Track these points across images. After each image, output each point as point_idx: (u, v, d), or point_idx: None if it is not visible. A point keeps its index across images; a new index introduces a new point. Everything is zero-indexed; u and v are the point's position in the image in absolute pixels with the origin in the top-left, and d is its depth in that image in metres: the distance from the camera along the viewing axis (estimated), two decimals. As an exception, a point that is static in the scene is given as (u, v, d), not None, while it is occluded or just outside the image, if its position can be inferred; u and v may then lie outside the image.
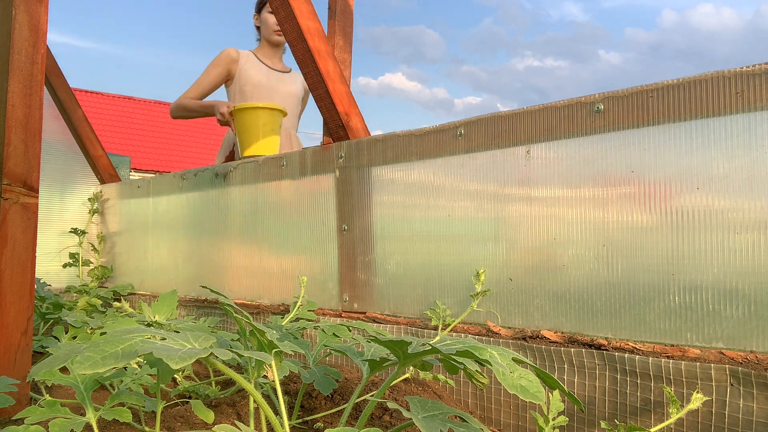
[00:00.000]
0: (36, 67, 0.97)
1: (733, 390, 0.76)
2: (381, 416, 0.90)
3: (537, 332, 0.97)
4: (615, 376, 0.86)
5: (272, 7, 1.35)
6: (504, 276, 1.04)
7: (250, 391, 0.66)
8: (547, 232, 0.99)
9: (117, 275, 2.09)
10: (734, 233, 0.80)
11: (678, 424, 0.80)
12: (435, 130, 1.16)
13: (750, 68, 0.79)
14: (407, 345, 0.67)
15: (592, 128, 0.94)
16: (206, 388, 1.06)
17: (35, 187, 0.97)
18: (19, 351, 0.94)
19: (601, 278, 0.92)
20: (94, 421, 0.74)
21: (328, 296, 1.35)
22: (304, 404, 0.96)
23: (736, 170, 0.81)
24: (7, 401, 0.78)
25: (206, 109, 2.22)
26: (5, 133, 0.94)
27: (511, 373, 0.63)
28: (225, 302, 0.76)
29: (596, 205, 0.93)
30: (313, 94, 1.38)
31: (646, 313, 0.87)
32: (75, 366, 0.56)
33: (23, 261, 0.95)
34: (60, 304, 1.46)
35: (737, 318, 0.80)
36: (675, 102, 0.86)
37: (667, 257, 0.86)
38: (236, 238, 1.63)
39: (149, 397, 0.84)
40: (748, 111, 0.80)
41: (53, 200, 2.24)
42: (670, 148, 0.86)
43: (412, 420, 0.60)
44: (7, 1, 0.95)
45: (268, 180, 1.54)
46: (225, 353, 0.58)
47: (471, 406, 1.02)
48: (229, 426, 0.60)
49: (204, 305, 1.67)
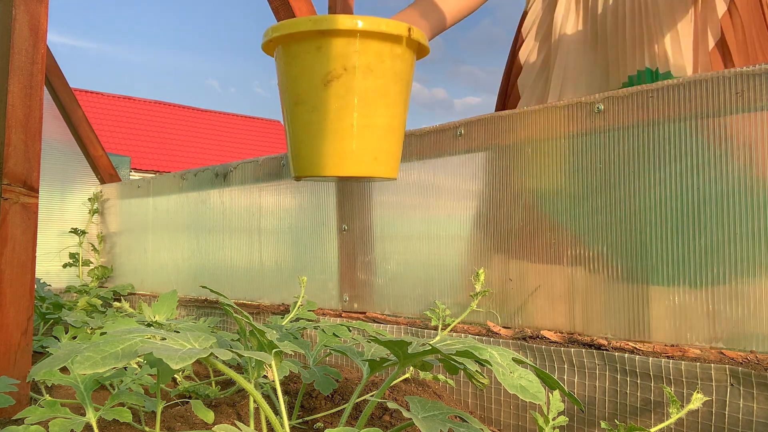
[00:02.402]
0: (36, 67, 0.97)
1: (733, 390, 0.76)
2: (381, 416, 0.90)
3: (537, 332, 0.97)
4: (615, 376, 0.87)
5: (272, 8, 1.35)
6: (504, 276, 1.04)
7: (250, 391, 0.66)
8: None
9: (117, 275, 2.09)
10: (734, 233, 0.80)
11: (678, 424, 0.81)
12: (435, 130, 1.16)
13: (750, 68, 0.79)
14: (407, 345, 0.67)
15: (593, 128, 0.94)
16: (206, 388, 1.06)
17: (35, 187, 0.97)
18: (19, 351, 0.94)
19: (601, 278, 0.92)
20: (94, 421, 0.74)
21: (328, 296, 1.35)
22: (304, 404, 0.96)
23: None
24: (7, 401, 0.78)
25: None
26: (5, 133, 0.94)
27: (511, 373, 0.63)
28: (225, 302, 0.76)
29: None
30: (313, 94, 1.38)
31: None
32: (75, 366, 0.56)
33: (23, 261, 0.95)
34: (60, 304, 1.46)
35: (737, 318, 0.80)
36: (675, 102, 0.86)
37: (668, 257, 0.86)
38: (236, 238, 1.63)
39: (149, 397, 0.84)
40: (748, 111, 0.80)
41: (53, 200, 2.24)
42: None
43: (412, 420, 0.60)
44: (7, 1, 0.95)
45: (268, 180, 1.54)
46: (225, 353, 0.58)
47: (471, 406, 1.02)
48: (229, 426, 0.60)
49: (204, 305, 1.67)
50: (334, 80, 0.84)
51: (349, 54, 0.84)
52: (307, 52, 0.85)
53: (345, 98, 0.85)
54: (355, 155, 0.88)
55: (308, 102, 0.86)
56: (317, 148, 0.87)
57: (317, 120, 0.86)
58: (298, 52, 0.86)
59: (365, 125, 0.86)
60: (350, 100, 0.85)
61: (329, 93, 0.84)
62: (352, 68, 0.83)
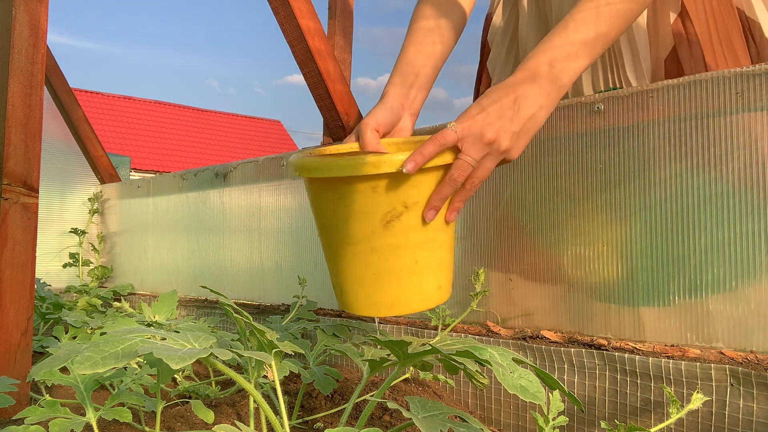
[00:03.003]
0: (36, 67, 0.97)
1: (733, 390, 0.76)
2: (381, 416, 0.90)
3: (537, 332, 0.97)
4: (615, 376, 0.87)
5: (272, 8, 1.35)
6: (504, 276, 1.04)
7: (250, 391, 0.66)
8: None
9: (117, 275, 2.09)
10: (734, 233, 0.80)
11: (678, 424, 0.81)
12: (435, 130, 1.16)
13: (750, 68, 0.79)
14: (407, 345, 0.67)
15: (593, 128, 0.94)
16: (206, 388, 1.06)
17: (35, 187, 0.97)
18: (19, 351, 0.94)
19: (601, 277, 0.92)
20: (94, 421, 0.74)
21: (328, 296, 1.35)
22: (304, 404, 0.96)
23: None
24: (7, 401, 0.78)
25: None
26: (5, 133, 0.94)
27: (512, 373, 0.63)
28: (225, 302, 0.76)
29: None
30: (313, 94, 1.38)
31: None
32: (75, 366, 0.56)
33: (23, 261, 0.95)
34: (60, 304, 1.46)
35: (737, 318, 0.80)
36: (675, 102, 0.86)
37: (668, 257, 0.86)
38: (236, 238, 1.63)
39: (149, 397, 0.84)
40: (748, 111, 0.80)
41: (53, 200, 2.24)
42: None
43: (412, 420, 0.60)
44: (7, 1, 0.95)
45: (268, 180, 1.54)
46: (225, 353, 0.58)
47: (471, 406, 1.02)
48: (229, 426, 0.60)
49: (204, 305, 1.67)
50: (395, 219, 0.78)
51: (408, 190, 0.78)
52: (360, 192, 0.77)
53: (408, 235, 0.79)
54: (422, 292, 0.83)
55: (365, 243, 0.79)
56: (379, 290, 0.82)
57: (377, 261, 0.79)
58: (346, 192, 0.77)
59: (429, 257, 0.82)
60: (413, 237, 0.80)
61: (390, 233, 0.79)
62: (413, 204, 0.78)
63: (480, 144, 0.79)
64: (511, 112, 0.80)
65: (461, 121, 0.80)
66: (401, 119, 0.97)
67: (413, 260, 0.81)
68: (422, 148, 0.77)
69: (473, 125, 0.79)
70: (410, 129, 1.00)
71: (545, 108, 0.81)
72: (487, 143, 0.79)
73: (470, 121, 0.79)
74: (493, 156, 0.81)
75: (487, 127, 0.79)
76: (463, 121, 0.80)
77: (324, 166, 0.77)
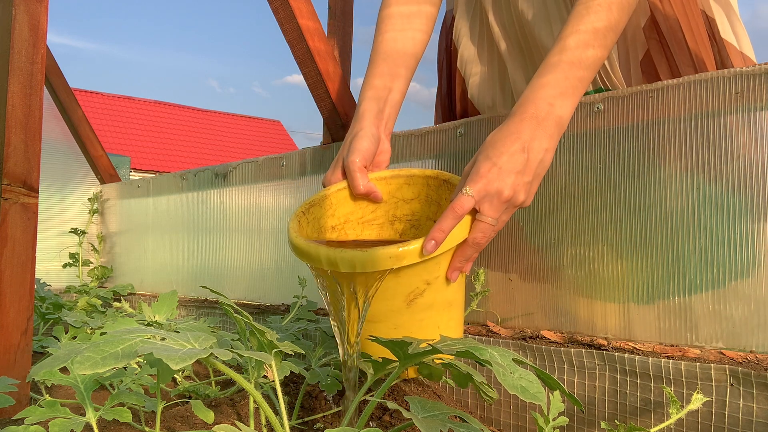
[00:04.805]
0: (36, 67, 0.97)
1: (733, 390, 0.76)
2: (381, 416, 0.90)
3: (537, 332, 0.97)
4: (615, 376, 0.87)
5: (272, 8, 1.35)
6: (504, 276, 1.04)
7: (250, 391, 0.66)
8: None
9: (117, 275, 2.09)
10: (734, 233, 0.80)
11: (678, 425, 0.81)
12: (435, 130, 1.16)
13: (750, 68, 0.79)
14: (408, 345, 0.67)
15: (593, 128, 0.94)
16: (206, 388, 1.06)
17: (35, 187, 0.97)
18: (19, 351, 0.94)
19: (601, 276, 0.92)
20: (94, 421, 0.74)
21: (328, 296, 1.35)
22: (304, 404, 0.96)
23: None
24: (7, 401, 0.78)
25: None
26: (5, 133, 0.94)
27: (512, 373, 0.63)
28: (225, 302, 0.76)
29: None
30: (312, 94, 1.38)
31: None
32: (75, 366, 0.56)
33: (23, 261, 0.95)
34: (60, 304, 1.46)
35: (737, 318, 0.80)
36: (675, 102, 0.86)
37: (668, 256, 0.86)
38: (236, 238, 1.63)
39: (149, 397, 0.84)
40: (747, 111, 0.80)
41: (53, 200, 2.24)
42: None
43: (412, 420, 0.60)
44: (7, 1, 0.95)
45: (268, 180, 1.54)
46: (225, 353, 0.58)
47: (471, 406, 1.02)
48: (229, 426, 0.60)
49: (204, 305, 1.67)
50: (418, 297, 0.78)
51: (430, 267, 0.77)
52: (380, 280, 0.75)
53: (432, 307, 0.80)
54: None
55: (387, 321, 0.79)
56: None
57: (398, 335, 0.75)
58: (366, 280, 0.75)
59: (448, 319, 0.83)
60: (436, 306, 0.80)
61: (413, 309, 0.78)
62: (435, 279, 0.78)
63: (497, 203, 0.78)
64: (521, 163, 0.77)
65: (474, 181, 0.77)
66: (381, 142, 0.97)
67: (436, 326, 0.81)
68: (441, 223, 0.75)
69: (488, 185, 0.77)
70: (389, 149, 0.99)
71: (551, 150, 0.80)
72: (504, 201, 0.78)
73: (484, 181, 0.77)
74: (510, 210, 0.80)
75: (501, 184, 0.77)
76: (477, 182, 0.77)
77: (341, 261, 0.73)
